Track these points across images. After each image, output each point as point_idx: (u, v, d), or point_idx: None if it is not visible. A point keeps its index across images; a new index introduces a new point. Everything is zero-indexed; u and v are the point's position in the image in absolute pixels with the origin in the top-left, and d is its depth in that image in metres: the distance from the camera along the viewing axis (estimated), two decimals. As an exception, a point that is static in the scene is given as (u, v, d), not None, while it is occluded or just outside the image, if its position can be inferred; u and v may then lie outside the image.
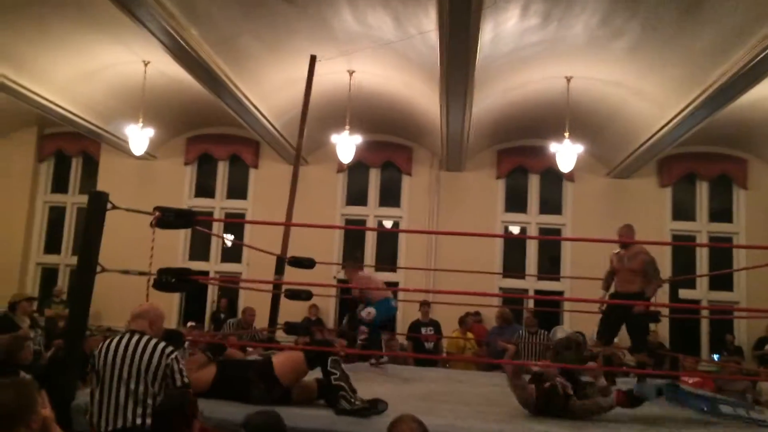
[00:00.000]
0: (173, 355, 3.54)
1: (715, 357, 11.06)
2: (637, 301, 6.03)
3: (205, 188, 12.76)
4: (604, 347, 6.20)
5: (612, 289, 6.60)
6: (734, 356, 10.49)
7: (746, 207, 11.66)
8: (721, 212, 11.86)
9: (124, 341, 3.57)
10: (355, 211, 12.48)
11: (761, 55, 6.78)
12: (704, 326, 11.57)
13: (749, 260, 10.71)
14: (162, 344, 3.58)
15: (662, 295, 7.47)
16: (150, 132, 10.33)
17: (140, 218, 4.57)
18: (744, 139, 11.08)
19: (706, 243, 11.77)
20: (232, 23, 7.82)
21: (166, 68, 9.12)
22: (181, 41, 7.46)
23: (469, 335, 9.28)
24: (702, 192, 11.90)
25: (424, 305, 9.16)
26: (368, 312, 6.58)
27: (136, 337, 3.58)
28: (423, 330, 8.93)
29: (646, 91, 9.09)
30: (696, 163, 11.69)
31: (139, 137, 10.26)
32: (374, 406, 3.91)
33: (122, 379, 3.46)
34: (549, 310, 10.65)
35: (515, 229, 12.38)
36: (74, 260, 4.80)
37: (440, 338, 9.11)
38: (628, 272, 6.22)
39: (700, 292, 11.50)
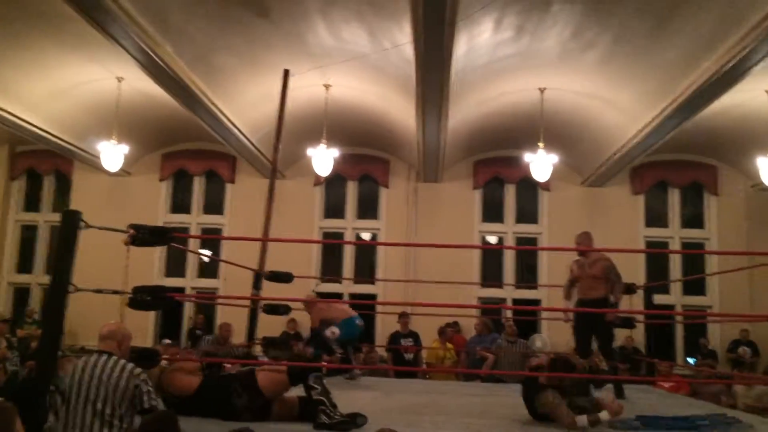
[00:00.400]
0: (142, 376, 3.52)
1: (690, 361, 11.22)
2: (604, 308, 6.05)
3: (180, 204, 12.66)
4: (586, 359, 6.20)
5: (575, 297, 6.60)
6: (708, 360, 10.67)
7: (717, 213, 11.89)
8: (693, 218, 12.08)
9: (91, 362, 3.53)
10: (333, 224, 12.47)
11: (728, 65, 6.94)
12: (679, 331, 11.75)
13: (721, 265, 10.89)
14: (130, 365, 3.55)
15: (637, 300, 7.54)
16: (124, 148, 10.23)
17: (115, 236, 4.53)
18: (713, 147, 11.31)
19: (678, 249, 11.96)
20: (206, 39, 7.81)
21: (140, 84, 9.07)
22: (156, 58, 7.42)
23: (449, 345, 9.30)
24: (674, 199, 12.11)
25: (403, 317, 9.16)
26: (332, 331, 6.64)
27: (104, 358, 3.54)
28: (402, 341, 8.93)
29: (618, 102, 9.24)
30: (668, 170, 11.89)
31: (112, 154, 10.15)
32: (353, 420, 3.91)
33: (89, 399, 3.41)
34: (527, 318, 10.72)
35: (492, 239, 12.46)
36: (47, 279, 4.73)
37: (420, 349, 9.12)
38: (591, 279, 6.21)
39: (674, 297, 11.69)
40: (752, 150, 10.02)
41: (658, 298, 10.03)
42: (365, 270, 12.15)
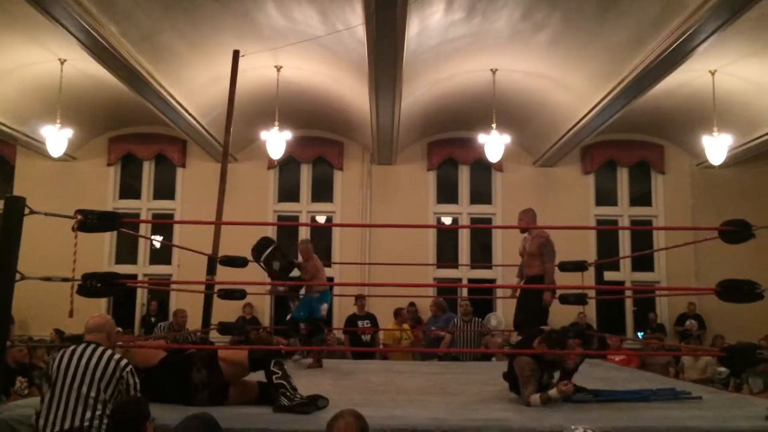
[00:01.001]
0: (128, 368, 3.60)
1: (639, 335, 11.59)
2: (539, 284, 6.12)
3: (130, 189, 12.39)
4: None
5: None
6: (657, 333, 11.04)
7: (664, 191, 12.24)
8: (641, 196, 12.41)
9: (79, 351, 3.60)
10: (288, 207, 12.39)
11: (673, 46, 7.12)
12: (628, 306, 12.11)
13: (668, 241, 11.25)
14: (117, 356, 3.63)
15: (588, 277, 7.72)
16: (68, 132, 9.93)
17: (62, 222, 4.40)
18: (660, 126, 11.61)
19: (627, 226, 12.28)
20: (153, 20, 7.59)
21: (84, 66, 8.78)
22: (100, 39, 7.19)
23: (405, 326, 9.38)
24: (623, 178, 12.41)
25: (360, 299, 9.19)
26: (323, 308, 6.56)
27: (92, 347, 3.61)
28: (360, 323, 8.96)
29: (568, 83, 9.38)
30: (616, 150, 12.17)
31: (56, 138, 9.85)
32: (314, 402, 3.91)
33: (74, 384, 3.48)
34: (482, 297, 10.88)
35: (447, 220, 12.57)
36: (-8, 269, 4.58)
37: (377, 330, 9.16)
38: (528, 256, 6.30)
39: (624, 273, 12.02)
40: (697, 129, 10.34)
41: (609, 275, 10.32)
42: (321, 253, 11.98)
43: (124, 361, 3.62)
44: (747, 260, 9.08)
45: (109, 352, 3.62)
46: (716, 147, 9.68)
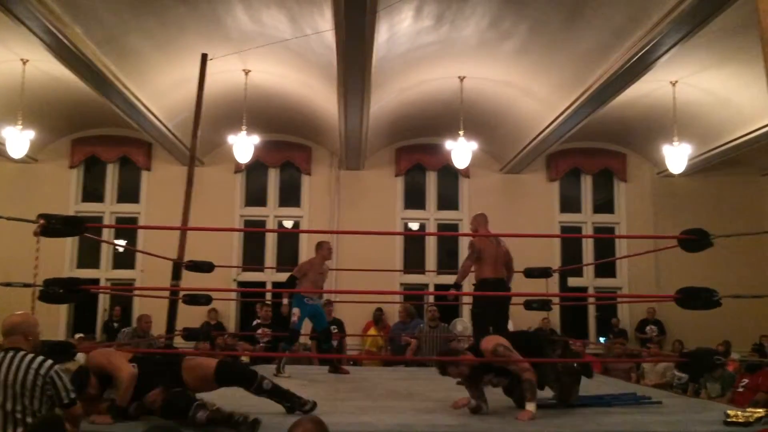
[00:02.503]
0: (53, 370, 3.30)
1: (602, 340, 11.78)
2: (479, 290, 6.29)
3: (93, 192, 12.16)
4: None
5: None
6: (619, 338, 11.23)
7: (626, 198, 12.47)
8: (604, 204, 12.63)
9: None
10: (255, 212, 12.30)
11: (636, 57, 7.28)
12: (591, 312, 12.29)
13: (630, 248, 11.46)
14: (39, 359, 3.33)
15: (552, 284, 7.84)
16: (30, 134, 9.71)
17: (22, 227, 4.31)
18: (623, 135, 11.85)
19: (591, 234, 12.48)
20: (118, 21, 7.48)
21: (47, 67, 8.61)
22: (64, 39, 7.06)
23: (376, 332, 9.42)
24: (587, 185, 12.61)
25: (327, 305, 9.15)
26: (294, 313, 6.42)
27: (10, 355, 3.31)
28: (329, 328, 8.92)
29: (534, 91, 9.52)
30: (581, 158, 12.37)
31: (18, 140, 9.62)
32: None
33: None
34: (449, 303, 10.91)
35: (414, 226, 12.62)
36: (-52, 274, 4.47)
37: (343, 336, 9.15)
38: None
39: (587, 279, 12.21)
40: (658, 138, 10.57)
41: (572, 281, 10.46)
42: (288, 258, 12.04)
43: (48, 363, 3.30)
44: (707, 267, 9.33)
45: (29, 357, 3.30)
46: (676, 156, 9.91)
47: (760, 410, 4.03)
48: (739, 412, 3.93)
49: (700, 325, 9.64)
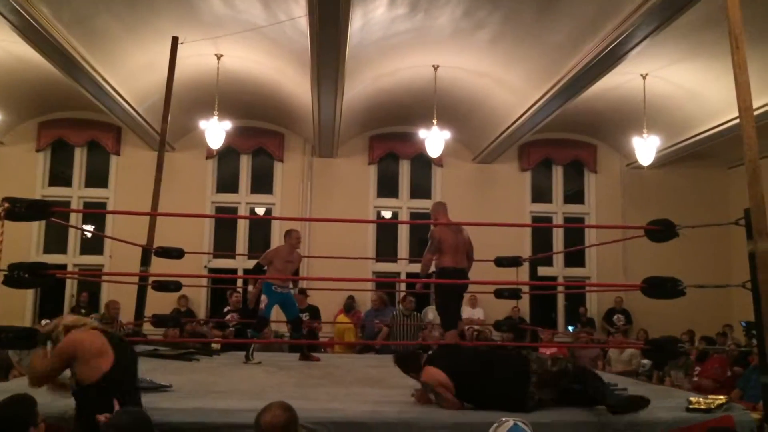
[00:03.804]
0: None
1: (570, 328, 11.96)
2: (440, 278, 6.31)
3: (60, 176, 11.95)
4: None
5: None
6: (587, 327, 11.41)
7: (596, 189, 12.65)
8: (575, 194, 12.79)
9: None
10: (226, 198, 12.20)
11: (607, 49, 7.35)
12: (560, 301, 12.47)
13: (599, 238, 11.63)
14: None
15: (523, 273, 7.92)
16: (-5, 116, 9.50)
17: (-13, 210, 4.22)
18: (594, 127, 11.99)
19: (561, 224, 12.64)
20: (87, 1, 7.32)
21: (12, 47, 8.41)
22: (30, 19, 6.88)
23: (347, 319, 9.43)
24: (557, 176, 12.74)
25: (301, 293, 9.15)
26: (262, 300, 6.45)
27: None
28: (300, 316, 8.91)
29: (507, 81, 9.57)
30: (552, 148, 12.49)
31: (-18, 122, 9.41)
32: None
33: None
34: (420, 292, 10.96)
35: (387, 214, 12.63)
36: None
37: (318, 323, 9.15)
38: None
39: (557, 269, 12.38)
40: (628, 130, 10.71)
41: (542, 270, 10.59)
42: (260, 245, 11.97)
43: None
44: (673, 257, 9.49)
45: None
46: (645, 148, 10.05)
47: (722, 397, 4.14)
48: (701, 399, 4.03)
49: (666, 314, 9.83)
